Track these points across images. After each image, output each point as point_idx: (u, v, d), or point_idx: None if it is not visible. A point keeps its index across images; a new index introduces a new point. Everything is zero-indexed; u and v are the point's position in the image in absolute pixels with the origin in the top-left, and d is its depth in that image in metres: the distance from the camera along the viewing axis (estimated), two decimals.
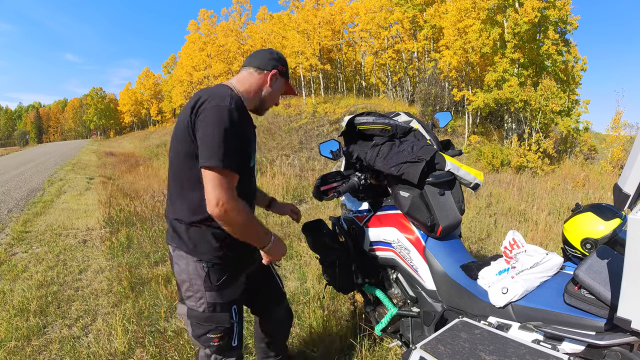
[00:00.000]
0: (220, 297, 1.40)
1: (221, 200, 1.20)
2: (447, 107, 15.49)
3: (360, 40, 23.64)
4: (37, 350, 2.46)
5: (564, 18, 12.54)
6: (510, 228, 4.56)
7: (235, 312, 1.44)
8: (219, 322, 1.40)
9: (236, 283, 1.46)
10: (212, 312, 1.39)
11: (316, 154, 11.97)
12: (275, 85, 1.48)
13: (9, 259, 4.29)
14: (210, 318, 1.40)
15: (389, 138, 1.83)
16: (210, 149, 1.20)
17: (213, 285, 1.38)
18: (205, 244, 1.36)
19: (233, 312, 1.43)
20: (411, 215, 1.68)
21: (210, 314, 1.39)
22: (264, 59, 1.45)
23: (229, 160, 1.20)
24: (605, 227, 1.63)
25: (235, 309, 1.44)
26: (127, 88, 61.22)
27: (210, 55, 32.24)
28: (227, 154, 1.20)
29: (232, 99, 1.27)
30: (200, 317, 1.40)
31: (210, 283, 1.37)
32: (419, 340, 1.42)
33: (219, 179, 1.20)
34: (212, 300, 1.39)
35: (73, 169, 13.94)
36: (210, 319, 1.40)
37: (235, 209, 1.23)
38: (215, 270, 1.38)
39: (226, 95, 1.27)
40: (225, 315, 1.41)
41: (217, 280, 1.38)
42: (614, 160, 10.56)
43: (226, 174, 1.21)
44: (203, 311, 1.40)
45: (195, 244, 1.36)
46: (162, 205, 6.22)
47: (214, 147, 1.19)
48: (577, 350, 1.19)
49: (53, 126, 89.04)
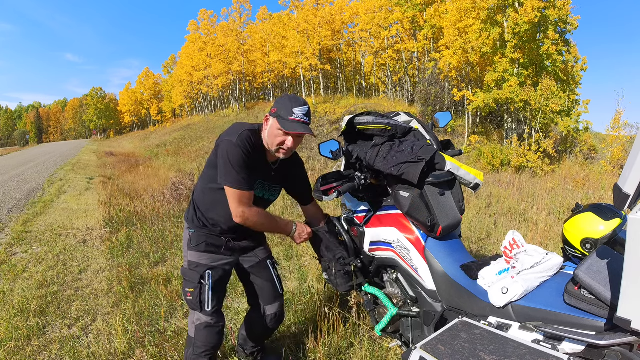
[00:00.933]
0: (196, 257, 1.79)
1: (239, 210, 1.62)
2: (447, 107, 15.49)
3: (360, 40, 23.64)
4: (37, 350, 2.46)
5: (564, 18, 12.53)
6: (510, 228, 4.56)
7: (209, 276, 1.77)
8: (192, 277, 1.76)
9: (213, 255, 1.81)
10: (189, 268, 1.79)
11: (316, 154, 11.97)
12: (269, 126, 1.65)
13: (9, 259, 4.29)
14: (187, 273, 1.78)
15: (389, 138, 1.83)
16: (223, 172, 1.60)
17: (192, 246, 1.80)
18: (193, 215, 1.83)
19: (206, 275, 1.77)
20: (411, 215, 1.68)
21: (188, 270, 1.79)
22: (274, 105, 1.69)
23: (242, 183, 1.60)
24: (605, 227, 1.63)
25: (209, 273, 1.77)
26: (127, 88, 61.25)
27: (210, 55, 32.25)
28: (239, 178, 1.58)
29: (240, 136, 1.59)
30: (184, 271, 1.81)
31: (191, 244, 1.80)
32: (419, 340, 1.42)
33: (236, 194, 1.60)
34: (191, 259, 1.80)
35: (73, 169, 13.95)
36: (187, 274, 1.78)
37: (251, 215, 1.65)
38: (195, 235, 1.81)
39: (235, 132, 1.61)
40: (197, 274, 1.75)
41: (195, 243, 1.80)
42: (614, 160, 10.55)
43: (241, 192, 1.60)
44: (186, 267, 1.81)
45: (189, 213, 1.86)
46: (162, 205, 6.22)
47: (230, 174, 1.58)
48: (577, 350, 1.19)
49: (53, 126, 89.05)
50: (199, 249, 1.79)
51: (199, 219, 1.79)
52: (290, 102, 1.59)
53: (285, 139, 1.61)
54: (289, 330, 2.50)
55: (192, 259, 1.79)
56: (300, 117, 1.58)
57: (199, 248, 1.79)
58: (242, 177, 1.58)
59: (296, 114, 1.57)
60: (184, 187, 7.12)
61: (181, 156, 16.13)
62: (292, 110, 1.57)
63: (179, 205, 6.21)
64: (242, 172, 1.58)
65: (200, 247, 1.79)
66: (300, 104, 1.59)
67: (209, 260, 1.80)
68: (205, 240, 1.79)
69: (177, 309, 2.92)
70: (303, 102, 1.61)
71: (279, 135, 1.60)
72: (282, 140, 1.61)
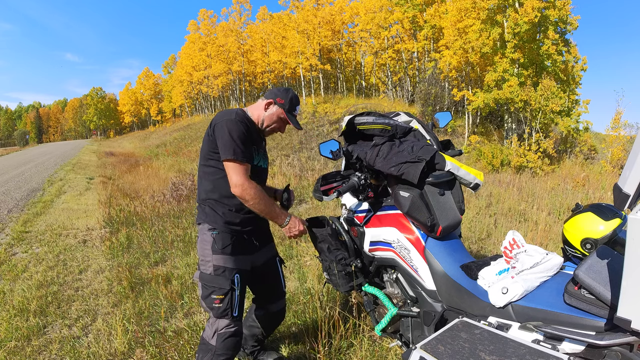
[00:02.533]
0: (223, 261, 1.72)
1: (238, 181, 1.65)
2: (447, 107, 15.49)
3: (360, 40, 23.64)
4: (37, 350, 2.46)
5: (564, 18, 12.53)
6: (510, 228, 4.56)
7: (237, 280, 1.73)
8: (221, 284, 1.69)
9: (240, 256, 1.77)
10: (215, 274, 1.70)
11: (316, 154, 11.98)
12: (269, 111, 1.86)
13: (9, 259, 4.29)
14: (214, 279, 1.70)
15: (389, 138, 1.83)
16: (225, 147, 1.66)
17: (218, 249, 1.72)
18: (214, 215, 1.77)
19: (235, 279, 1.72)
20: (411, 215, 1.68)
21: (214, 276, 1.70)
22: (272, 92, 1.88)
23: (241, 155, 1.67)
24: (605, 227, 1.63)
25: (237, 277, 1.73)
26: (127, 88, 61.27)
27: (210, 55, 32.26)
28: (238, 150, 1.66)
29: (237, 113, 1.74)
30: (207, 278, 1.71)
31: (216, 247, 1.72)
32: (419, 340, 1.42)
33: (237, 166, 1.66)
34: (217, 263, 1.71)
35: (73, 169, 13.95)
36: (214, 280, 1.70)
37: (250, 188, 1.66)
38: (221, 237, 1.74)
39: (232, 112, 1.74)
40: (227, 280, 1.70)
41: (222, 245, 1.72)
42: (614, 160, 10.55)
43: (239, 164, 1.67)
44: (209, 273, 1.71)
45: (207, 214, 1.78)
46: (162, 205, 6.22)
47: (229, 145, 1.66)
48: (577, 350, 1.19)
49: (53, 126, 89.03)
50: (225, 252, 1.73)
51: (222, 214, 1.75)
52: (296, 100, 1.88)
53: (283, 126, 1.90)
54: (289, 330, 2.50)
55: (218, 263, 1.71)
56: (297, 111, 1.91)
57: (226, 251, 1.73)
58: (242, 149, 1.66)
59: (297, 110, 1.90)
60: (184, 187, 7.13)
61: (181, 156, 16.14)
62: (295, 107, 1.89)
63: (179, 206, 6.22)
64: (243, 145, 1.67)
65: (227, 249, 1.73)
66: (298, 103, 1.91)
67: (236, 262, 1.75)
68: (232, 241, 1.75)
69: (177, 309, 2.92)
70: (299, 101, 1.93)
71: (279, 122, 1.87)
72: (279, 126, 1.89)
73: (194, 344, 2.27)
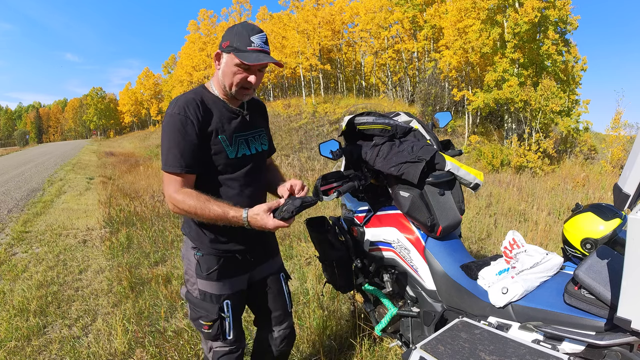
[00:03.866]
0: (209, 288, 1.44)
1: (166, 196, 1.34)
2: (447, 107, 15.50)
3: (360, 40, 23.65)
4: (37, 350, 2.46)
5: (564, 18, 12.54)
6: (510, 228, 4.56)
7: (227, 306, 1.46)
8: (208, 310, 1.44)
9: (230, 280, 1.47)
10: (202, 299, 1.45)
11: (316, 154, 11.98)
12: (222, 66, 1.35)
13: (9, 259, 4.29)
14: (201, 304, 1.45)
15: (389, 138, 1.83)
16: (162, 154, 1.33)
17: (203, 274, 1.44)
18: (197, 231, 1.44)
19: (225, 305, 1.45)
20: (411, 215, 1.68)
21: (201, 301, 1.45)
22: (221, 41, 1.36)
23: (170, 163, 1.31)
24: (605, 227, 1.63)
25: (227, 304, 1.46)
26: (127, 88, 61.26)
27: (210, 55, 32.24)
28: (169, 157, 1.30)
29: (177, 102, 1.33)
30: (194, 301, 1.46)
31: (200, 271, 1.44)
32: (419, 340, 1.42)
33: (165, 179, 1.34)
34: (203, 288, 1.45)
35: (73, 169, 13.95)
36: (200, 305, 1.45)
37: (179, 202, 1.30)
38: (205, 260, 1.43)
39: (174, 101, 1.34)
40: (214, 307, 1.43)
41: (206, 270, 1.43)
42: (614, 160, 10.55)
43: (169, 175, 1.32)
44: (196, 297, 1.46)
45: (190, 228, 1.46)
46: (162, 205, 6.22)
47: (162, 152, 1.33)
48: (577, 350, 1.19)
49: (53, 126, 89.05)
50: (211, 278, 1.43)
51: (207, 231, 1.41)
52: (245, 30, 1.30)
53: (247, 75, 1.33)
54: None
55: (203, 289, 1.44)
56: (261, 45, 1.31)
57: (212, 277, 1.43)
58: (174, 154, 1.29)
59: (255, 42, 1.30)
60: None
61: None
62: (250, 39, 1.29)
63: None
64: (174, 148, 1.29)
65: (213, 275, 1.43)
66: (256, 31, 1.31)
67: (225, 287, 1.46)
68: (219, 266, 1.43)
69: (177, 309, 2.92)
70: (259, 29, 1.33)
71: (239, 72, 1.32)
72: (244, 77, 1.33)
73: (194, 344, 2.27)
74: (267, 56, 1.33)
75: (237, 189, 1.42)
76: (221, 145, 1.36)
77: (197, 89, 1.41)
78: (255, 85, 1.36)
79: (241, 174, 1.43)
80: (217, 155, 1.37)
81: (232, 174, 1.41)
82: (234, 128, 1.41)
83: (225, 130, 1.38)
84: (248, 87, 1.36)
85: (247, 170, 1.44)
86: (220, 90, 1.40)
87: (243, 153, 1.43)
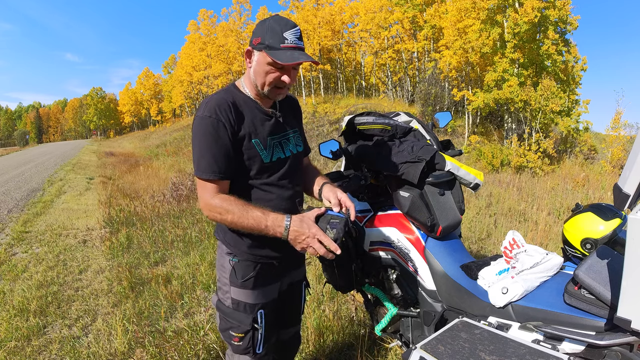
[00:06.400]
0: (244, 296, 1.37)
1: (201, 202, 1.27)
2: (447, 107, 15.50)
3: (360, 40, 23.65)
4: (37, 350, 2.46)
5: (564, 18, 12.54)
6: (510, 228, 4.56)
7: (261, 316, 1.38)
8: (240, 321, 1.36)
9: (265, 287, 1.40)
10: (235, 309, 1.37)
11: (316, 154, 11.97)
12: (254, 65, 1.27)
13: (9, 259, 4.29)
14: (233, 314, 1.37)
15: (389, 138, 1.83)
16: (194, 159, 1.27)
17: (238, 282, 1.36)
18: (233, 235, 1.35)
19: (259, 315, 1.37)
20: (411, 215, 1.68)
21: (233, 311, 1.37)
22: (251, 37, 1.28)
23: (203, 169, 1.24)
24: (605, 227, 1.63)
25: (262, 314, 1.38)
26: (127, 88, 61.32)
27: (210, 55, 32.27)
28: (202, 163, 1.24)
29: (208, 104, 1.25)
30: (225, 310, 1.39)
31: (235, 278, 1.36)
32: (419, 340, 1.42)
33: (200, 185, 1.27)
34: (236, 297, 1.37)
35: (73, 169, 13.94)
36: (232, 315, 1.37)
37: (216, 207, 1.23)
38: (241, 266, 1.36)
39: (204, 103, 1.27)
40: (248, 317, 1.36)
41: (242, 277, 1.35)
42: (614, 160, 10.55)
43: (203, 181, 1.25)
44: (228, 306, 1.38)
45: (225, 232, 1.38)
46: (162, 205, 6.22)
47: (194, 157, 1.27)
48: (577, 350, 1.19)
49: (53, 126, 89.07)
50: (246, 286, 1.36)
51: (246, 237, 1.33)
52: (279, 26, 1.20)
53: (281, 74, 1.25)
54: None
55: (237, 297, 1.37)
56: (295, 42, 1.21)
57: (248, 284, 1.36)
58: (208, 159, 1.23)
59: (289, 39, 1.20)
60: (183, 187, 7.13)
61: (181, 156, 16.13)
62: (283, 35, 1.19)
63: (179, 206, 6.21)
64: (207, 154, 1.23)
65: (249, 282, 1.36)
66: (290, 26, 1.21)
67: (261, 296, 1.39)
68: (256, 273, 1.37)
69: (177, 309, 2.92)
70: (293, 24, 1.22)
71: (272, 71, 1.24)
72: (278, 77, 1.25)
73: (194, 344, 2.27)
74: (302, 54, 1.22)
75: (274, 194, 1.35)
76: (255, 149, 1.29)
77: (228, 88, 1.33)
78: (290, 85, 1.29)
79: (276, 178, 1.35)
80: (250, 160, 1.29)
81: (267, 178, 1.33)
82: (268, 131, 1.33)
83: (259, 133, 1.30)
84: (282, 86, 1.28)
85: (282, 174, 1.37)
86: (252, 90, 1.32)
87: (278, 157, 1.35)
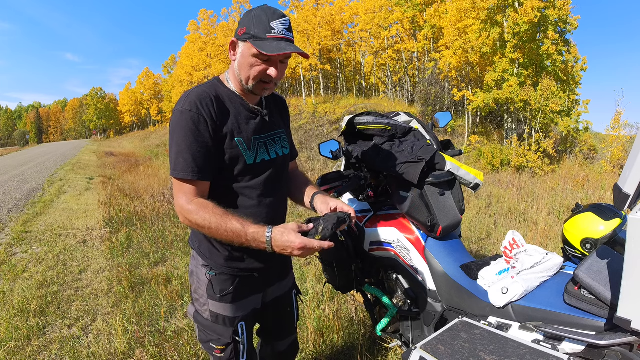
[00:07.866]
0: (223, 310, 1.29)
1: (176, 206, 1.15)
2: (447, 107, 15.49)
3: (360, 40, 23.64)
4: (37, 350, 2.46)
5: (564, 18, 12.54)
6: (510, 228, 4.56)
7: (242, 328, 1.31)
8: (220, 334, 1.29)
9: (246, 299, 1.33)
10: (214, 322, 1.30)
11: (316, 154, 11.96)
12: (238, 55, 1.16)
13: (9, 259, 4.29)
14: (212, 327, 1.30)
15: (389, 138, 1.83)
16: (171, 157, 1.15)
17: (216, 296, 1.27)
18: (209, 246, 1.26)
19: (240, 328, 1.31)
20: (411, 215, 1.68)
21: (212, 324, 1.30)
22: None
23: (180, 168, 1.12)
24: (605, 227, 1.63)
25: (242, 326, 1.31)
26: (127, 88, 61.28)
27: (210, 55, 32.26)
28: (179, 162, 1.12)
29: (188, 97, 1.14)
30: (204, 323, 1.31)
31: (213, 292, 1.27)
32: (419, 340, 1.42)
33: (176, 186, 1.16)
34: (215, 310, 1.29)
35: (73, 169, 13.94)
36: (212, 328, 1.30)
37: (191, 213, 1.11)
38: (218, 280, 1.27)
39: (184, 95, 1.16)
40: (228, 330, 1.29)
41: (220, 291, 1.27)
42: (614, 160, 10.55)
43: (179, 182, 1.14)
44: (207, 319, 1.31)
45: (200, 242, 1.28)
46: (162, 205, 6.22)
47: (171, 155, 1.15)
48: (577, 350, 1.19)
49: (53, 126, 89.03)
50: (225, 300, 1.28)
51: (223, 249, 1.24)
52: (265, 15, 1.11)
53: (267, 67, 1.14)
54: None
55: (215, 310, 1.29)
56: (283, 32, 1.11)
57: (226, 299, 1.28)
58: (182, 158, 1.11)
59: (277, 29, 1.10)
60: None
61: None
62: (270, 24, 1.10)
63: None
64: (185, 151, 1.11)
65: (228, 297, 1.28)
66: (278, 16, 1.12)
67: (241, 309, 1.32)
68: (235, 286, 1.28)
69: (177, 309, 2.92)
70: (281, 13, 1.13)
71: (257, 63, 1.13)
72: (263, 70, 1.14)
73: (194, 344, 2.27)
74: (289, 45, 1.11)
75: (256, 199, 1.24)
76: (238, 149, 1.18)
77: (212, 82, 1.23)
78: (277, 79, 1.17)
79: (260, 182, 1.25)
80: (233, 160, 1.19)
81: (249, 181, 1.23)
82: (253, 130, 1.23)
83: (243, 132, 1.20)
84: (268, 81, 1.17)
85: (266, 178, 1.26)
86: (237, 85, 1.22)
87: (262, 158, 1.25)
